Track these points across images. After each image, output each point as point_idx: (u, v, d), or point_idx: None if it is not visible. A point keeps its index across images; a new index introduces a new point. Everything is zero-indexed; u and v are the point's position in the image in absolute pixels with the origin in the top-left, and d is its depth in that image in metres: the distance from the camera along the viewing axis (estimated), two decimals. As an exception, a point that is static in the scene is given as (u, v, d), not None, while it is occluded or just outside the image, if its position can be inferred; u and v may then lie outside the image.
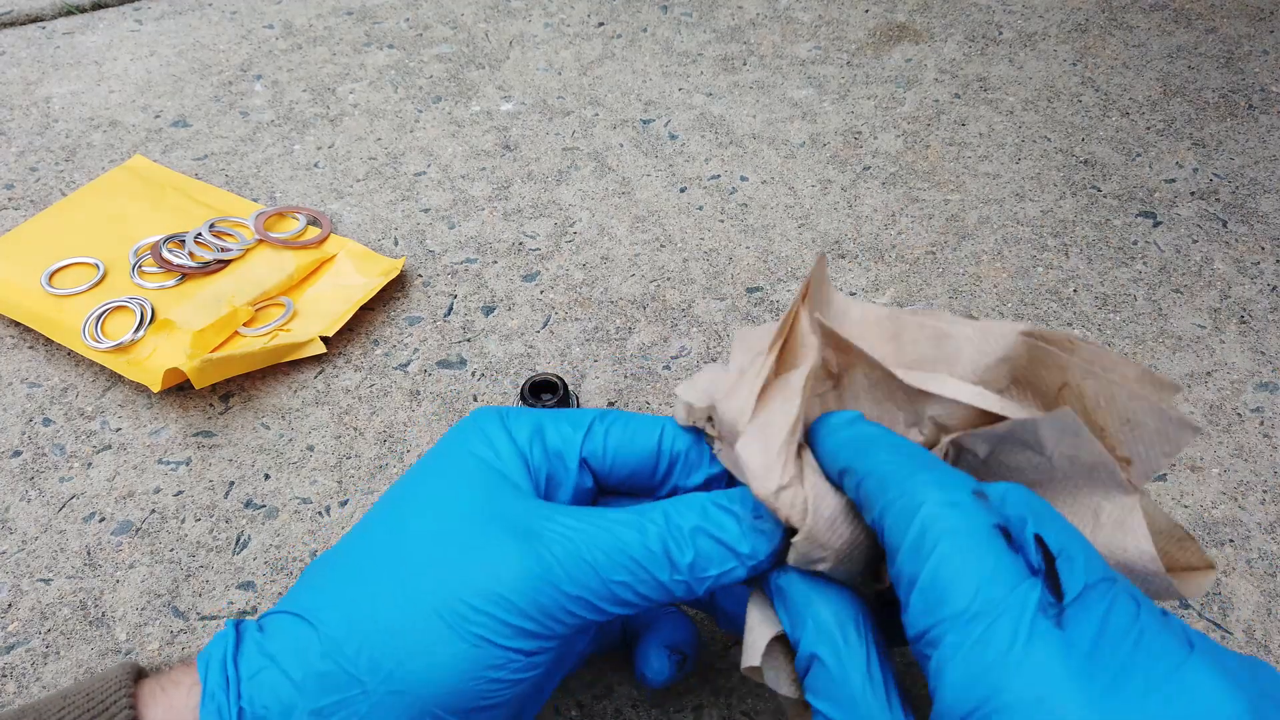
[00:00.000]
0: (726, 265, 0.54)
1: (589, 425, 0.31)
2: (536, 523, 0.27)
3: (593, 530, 0.27)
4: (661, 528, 0.27)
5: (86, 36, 0.71)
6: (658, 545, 0.26)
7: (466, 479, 0.29)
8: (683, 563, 0.26)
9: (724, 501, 0.27)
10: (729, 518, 0.27)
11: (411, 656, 0.26)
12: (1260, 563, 0.40)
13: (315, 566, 0.29)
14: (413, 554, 0.27)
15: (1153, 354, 0.49)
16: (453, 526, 0.27)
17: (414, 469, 0.30)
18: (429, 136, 0.63)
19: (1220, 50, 0.68)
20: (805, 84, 0.66)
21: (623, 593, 0.26)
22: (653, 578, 0.26)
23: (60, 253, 0.53)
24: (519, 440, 0.30)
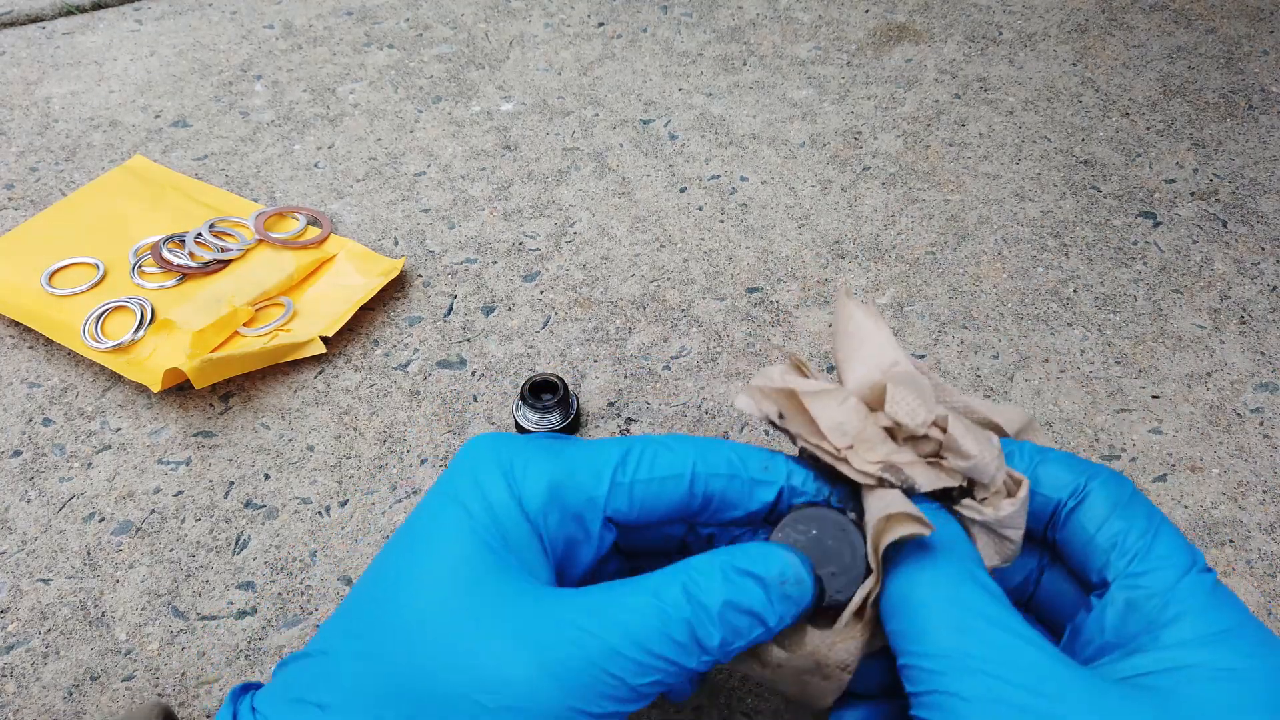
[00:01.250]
0: (726, 265, 0.54)
1: (612, 479, 0.27)
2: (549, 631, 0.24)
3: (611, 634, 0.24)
4: (684, 610, 0.24)
5: (86, 36, 0.71)
6: (684, 634, 0.24)
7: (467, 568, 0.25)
8: (712, 645, 0.24)
9: (746, 565, 0.25)
10: (755, 585, 0.25)
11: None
12: (1260, 563, 0.40)
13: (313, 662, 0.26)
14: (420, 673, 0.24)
15: (1153, 354, 0.49)
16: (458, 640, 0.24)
17: (407, 536, 0.27)
18: (429, 137, 0.63)
19: (1220, 50, 0.68)
20: (805, 84, 0.66)
21: (649, 690, 0.24)
22: (681, 667, 0.24)
23: (60, 253, 0.53)
24: (530, 504, 0.26)
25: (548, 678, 0.23)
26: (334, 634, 0.26)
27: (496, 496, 0.26)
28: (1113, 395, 0.47)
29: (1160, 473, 0.43)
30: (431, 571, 0.26)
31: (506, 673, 0.24)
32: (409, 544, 0.27)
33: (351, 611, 0.27)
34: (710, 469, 0.28)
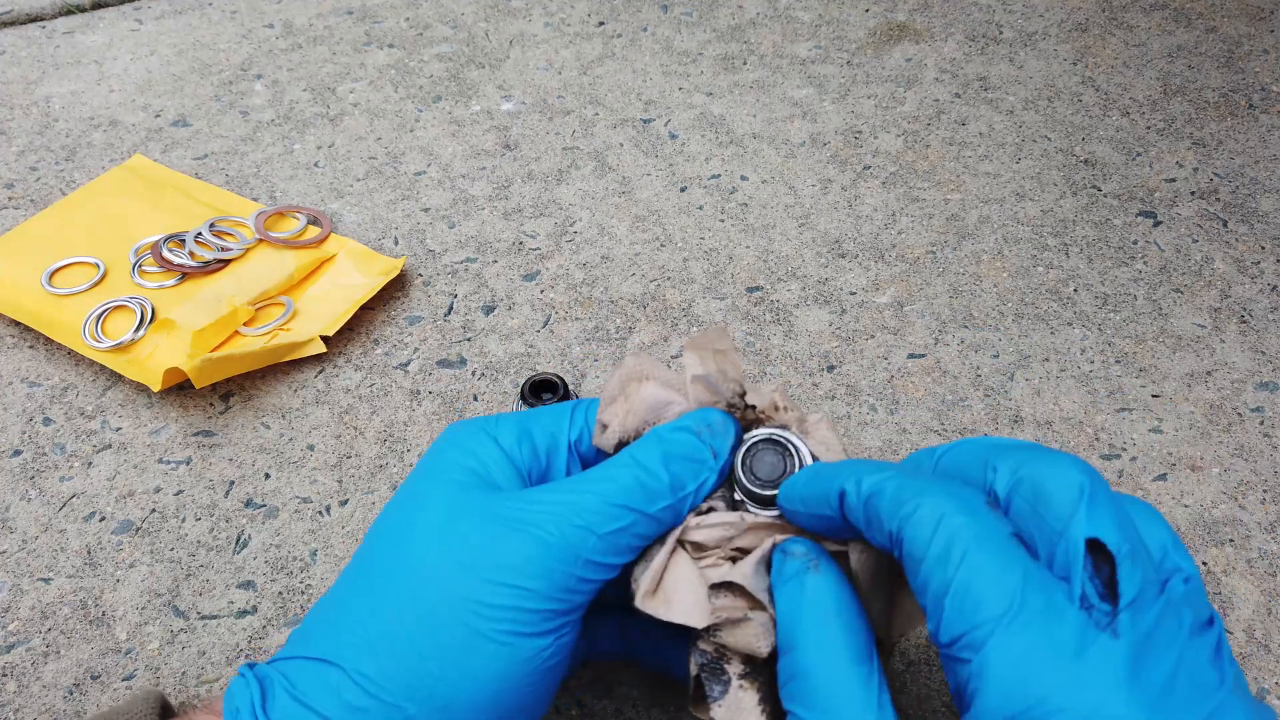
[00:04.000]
0: (726, 265, 0.54)
1: (571, 414, 0.31)
2: (520, 510, 0.28)
3: (574, 497, 0.28)
4: (632, 468, 0.28)
5: (87, 36, 0.71)
6: (634, 484, 0.28)
7: (456, 491, 0.29)
8: (663, 487, 0.28)
9: (675, 424, 0.30)
10: (685, 434, 0.29)
11: (447, 671, 0.26)
12: (1260, 562, 0.40)
13: (320, 608, 0.29)
14: (418, 573, 0.27)
15: (1153, 353, 0.49)
16: (450, 537, 0.28)
17: (400, 492, 0.30)
18: (429, 136, 0.63)
19: (1220, 50, 0.68)
20: (805, 83, 0.66)
21: (622, 539, 0.28)
22: (642, 514, 0.28)
23: (60, 252, 0.53)
24: (504, 444, 0.30)
25: (529, 541, 0.27)
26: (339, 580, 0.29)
27: (477, 443, 0.30)
28: (1113, 394, 0.47)
29: (1160, 472, 0.43)
30: (421, 502, 0.29)
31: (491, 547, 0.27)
32: (400, 492, 0.30)
33: (355, 558, 0.30)
34: None
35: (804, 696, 0.25)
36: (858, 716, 0.24)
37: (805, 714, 0.25)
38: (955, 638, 0.23)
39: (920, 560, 0.24)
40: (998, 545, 0.23)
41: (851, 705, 0.24)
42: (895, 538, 0.25)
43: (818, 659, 0.25)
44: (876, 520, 0.25)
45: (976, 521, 0.24)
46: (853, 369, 0.48)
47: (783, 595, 0.27)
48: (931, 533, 0.24)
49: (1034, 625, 0.22)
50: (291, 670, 0.27)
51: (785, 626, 0.27)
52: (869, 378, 0.48)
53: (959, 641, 0.23)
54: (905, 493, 0.25)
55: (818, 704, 0.25)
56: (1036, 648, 0.21)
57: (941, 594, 0.23)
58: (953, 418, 0.46)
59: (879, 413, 0.46)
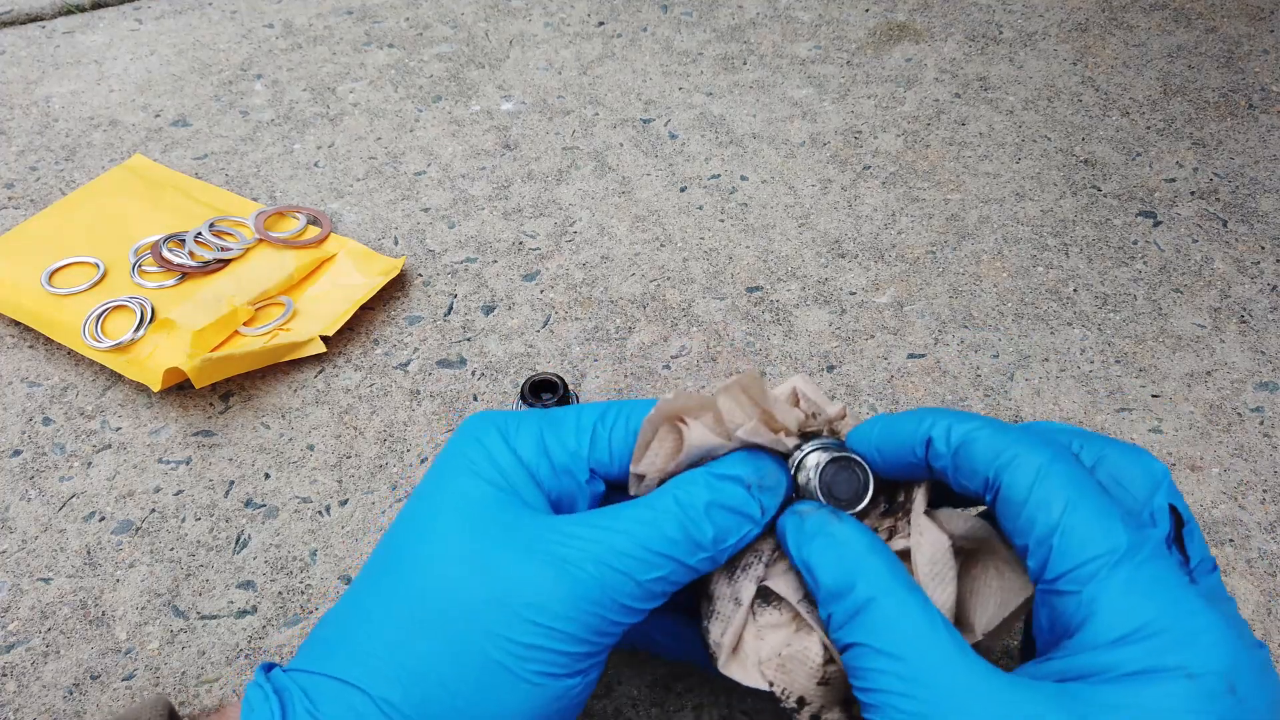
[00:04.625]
0: (726, 265, 0.54)
1: (593, 432, 0.30)
2: (559, 543, 0.27)
3: (614, 537, 0.27)
4: (677, 514, 0.27)
5: (86, 36, 0.71)
6: (679, 533, 0.27)
7: (481, 507, 0.28)
8: (705, 540, 0.27)
9: (725, 470, 0.28)
10: (735, 485, 0.28)
11: (474, 706, 0.26)
12: (1260, 562, 0.40)
13: (341, 618, 0.28)
14: (447, 601, 0.26)
15: (1153, 353, 0.49)
16: (481, 562, 0.27)
17: (420, 496, 0.29)
18: (429, 136, 0.63)
19: (1220, 50, 0.68)
20: (805, 83, 0.66)
21: (657, 587, 0.27)
22: (681, 564, 0.27)
23: (60, 252, 0.53)
24: (525, 456, 0.29)
25: (564, 581, 0.26)
26: (358, 586, 0.29)
27: (496, 449, 0.29)
28: (1112, 394, 0.47)
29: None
30: (445, 515, 0.28)
31: (524, 583, 0.26)
32: (422, 498, 0.29)
33: (374, 563, 0.29)
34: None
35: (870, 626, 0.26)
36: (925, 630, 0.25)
37: (874, 640, 0.25)
38: (1062, 573, 0.25)
39: (1022, 503, 0.26)
40: (1098, 493, 0.26)
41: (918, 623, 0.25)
42: (991, 483, 0.27)
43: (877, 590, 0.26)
44: (968, 466, 0.27)
45: (1077, 470, 0.26)
46: (852, 369, 0.48)
47: (815, 549, 0.27)
48: (1034, 478, 0.26)
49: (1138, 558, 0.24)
50: (312, 688, 0.27)
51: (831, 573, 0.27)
52: (869, 378, 0.48)
53: (1066, 576, 0.25)
54: (1002, 441, 0.27)
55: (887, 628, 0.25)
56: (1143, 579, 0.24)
57: (1048, 534, 0.25)
58: (953, 418, 0.46)
59: (879, 413, 0.46)
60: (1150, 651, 0.23)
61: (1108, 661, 0.24)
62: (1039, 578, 0.26)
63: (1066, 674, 0.24)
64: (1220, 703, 0.23)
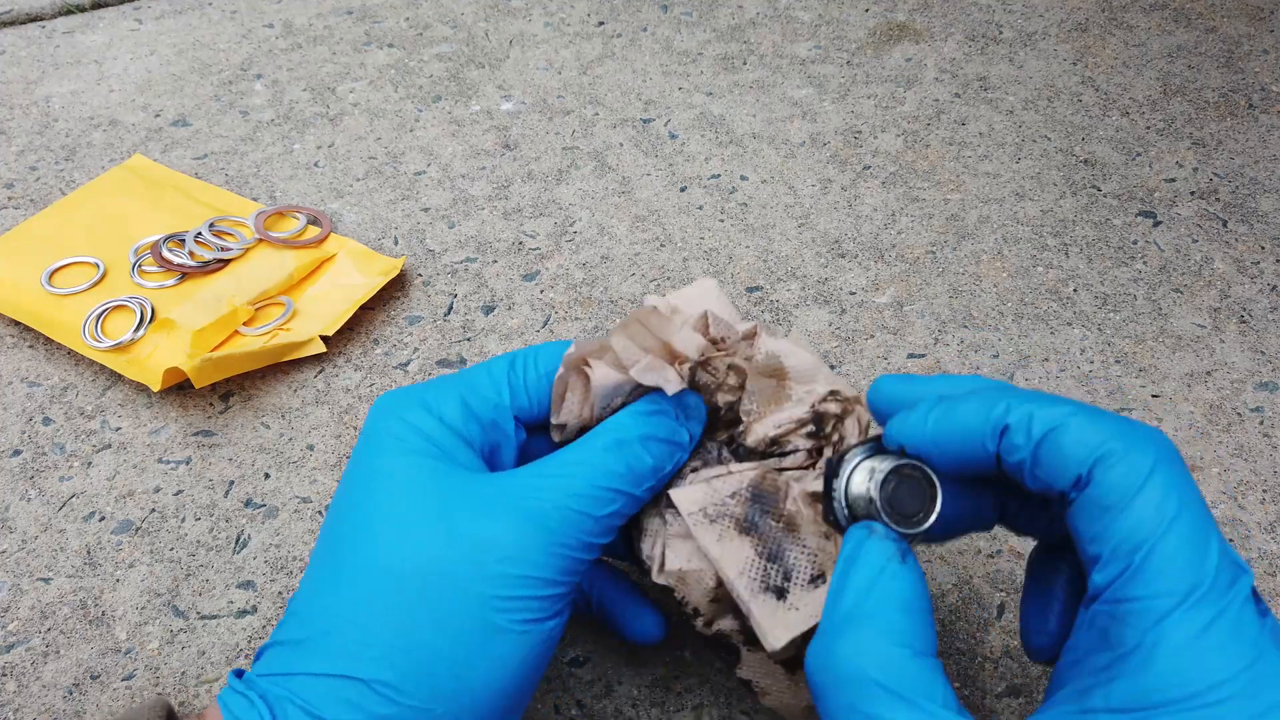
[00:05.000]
0: (726, 264, 0.54)
1: (508, 381, 0.31)
2: (519, 496, 0.28)
3: (568, 480, 0.28)
4: (617, 451, 0.29)
5: (86, 35, 0.71)
6: (623, 467, 0.29)
7: (423, 476, 0.28)
8: (646, 470, 0.29)
9: (649, 407, 0.30)
10: (664, 417, 0.30)
11: (469, 669, 0.26)
12: (1261, 562, 0.40)
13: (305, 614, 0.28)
14: (421, 571, 0.27)
15: (1153, 353, 0.49)
16: (447, 530, 0.27)
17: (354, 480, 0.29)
18: (429, 136, 0.63)
19: (1220, 50, 0.68)
20: (805, 83, 0.66)
21: (613, 521, 0.29)
22: (630, 496, 0.29)
23: (60, 252, 0.53)
24: (452, 422, 0.30)
25: (534, 530, 0.27)
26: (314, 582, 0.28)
27: (420, 421, 0.29)
28: (1112, 394, 0.47)
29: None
30: (395, 493, 0.28)
31: (495, 539, 0.27)
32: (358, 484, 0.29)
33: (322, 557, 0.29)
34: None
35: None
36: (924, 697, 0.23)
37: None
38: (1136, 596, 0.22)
39: (1117, 509, 0.22)
40: (1201, 511, 0.22)
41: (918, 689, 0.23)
42: (1084, 479, 0.23)
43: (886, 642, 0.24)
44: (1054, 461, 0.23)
45: (1183, 479, 0.23)
46: (853, 369, 0.48)
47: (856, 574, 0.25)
48: (1139, 482, 0.22)
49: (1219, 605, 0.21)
50: (302, 689, 0.26)
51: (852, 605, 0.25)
52: (869, 378, 0.48)
53: (1132, 603, 0.22)
54: (1100, 433, 0.23)
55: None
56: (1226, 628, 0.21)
57: (1133, 549, 0.22)
58: (952, 418, 0.46)
59: (879, 413, 0.46)
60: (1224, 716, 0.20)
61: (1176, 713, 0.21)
62: (1101, 591, 0.22)
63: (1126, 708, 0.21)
64: None
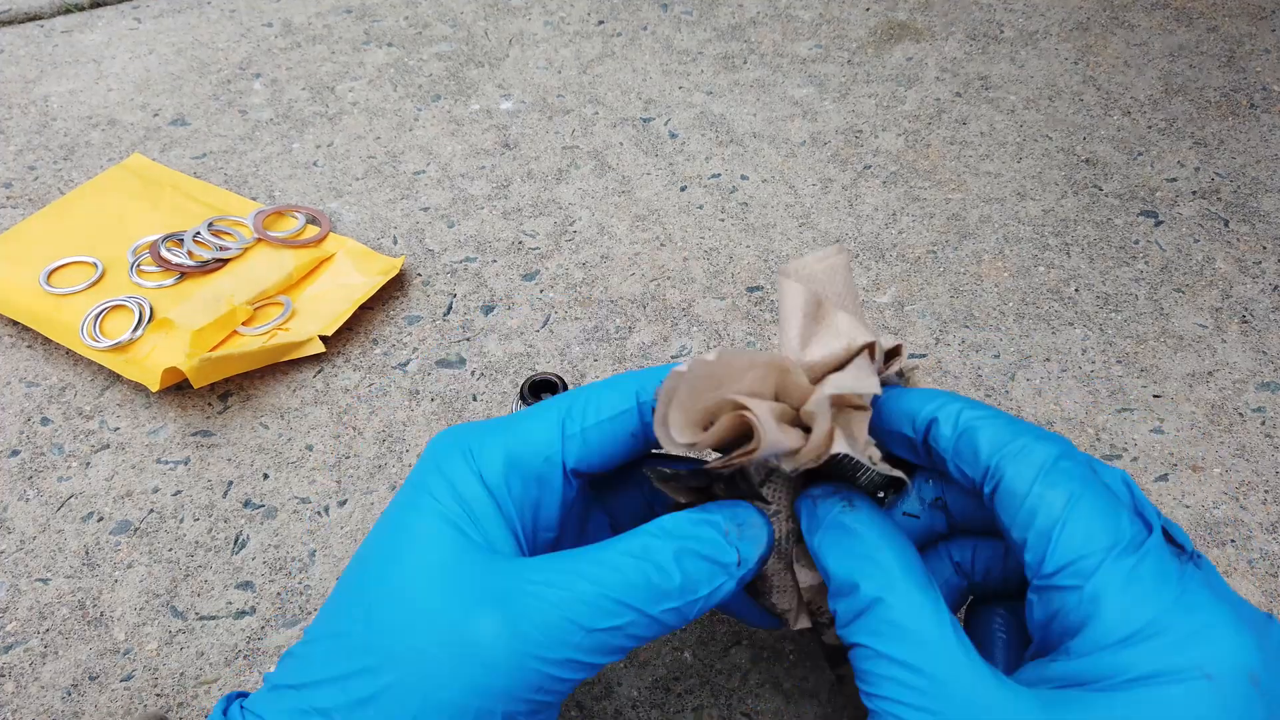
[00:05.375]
0: (727, 264, 0.53)
1: (562, 430, 0.28)
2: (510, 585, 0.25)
3: (568, 579, 0.25)
4: (639, 558, 0.25)
5: (85, 35, 0.71)
6: (639, 578, 0.25)
7: (434, 547, 0.26)
8: (671, 589, 0.25)
9: (700, 513, 0.26)
10: (708, 528, 0.26)
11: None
12: (1262, 563, 0.40)
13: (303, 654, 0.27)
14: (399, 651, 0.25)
15: (1154, 353, 0.48)
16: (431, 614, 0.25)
17: (383, 534, 0.28)
18: (428, 135, 0.62)
19: (1222, 49, 0.68)
20: (806, 82, 0.66)
21: (612, 639, 0.25)
22: (640, 614, 0.25)
23: (59, 251, 0.53)
24: (490, 479, 0.27)
25: (506, 625, 0.24)
26: (316, 624, 0.28)
27: (459, 477, 0.27)
28: (1114, 395, 0.47)
29: (1162, 472, 0.43)
30: (401, 554, 0.26)
31: (469, 629, 0.24)
32: (383, 533, 0.28)
33: (332, 601, 0.28)
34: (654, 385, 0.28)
35: (875, 628, 0.25)
36: (935, 638, 0.24)
37: (879, 644, 0.24)
38: (1063, 565, 0.24)
39: (1024, 495, 0.25)
40: (1103, 489, 0.25)
41: (928, 629, 0.24)
42: (993, 473, 0.26)
43: (884, 590, 0.25)
44: (970, 453, 0.26)
45: (1083, 468, 0.25)
46: (853, 369, 0.48)
47: (826, 541, 0.26)
48: (1038, 471, 0.25)
49: (1141, 553, 0.24)
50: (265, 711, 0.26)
51: (839, 567, 0.26)
52: (869, 378, 0.48)
53: (1067, 569, 0.24)
54: (1009, 432, 0.26)
55: (893, 633, 0.24)
56: (1146, 573, 0.23)
57: (1050, 526, 0.24)
58: (953, 418, 0.46)
59: (879, 413, 0.46)
60: (1161, 651, 0.22)
61: (1117, 664, 0.23)
62: (1037, 573, 0.25)
63: (1075, 679, 0.23)
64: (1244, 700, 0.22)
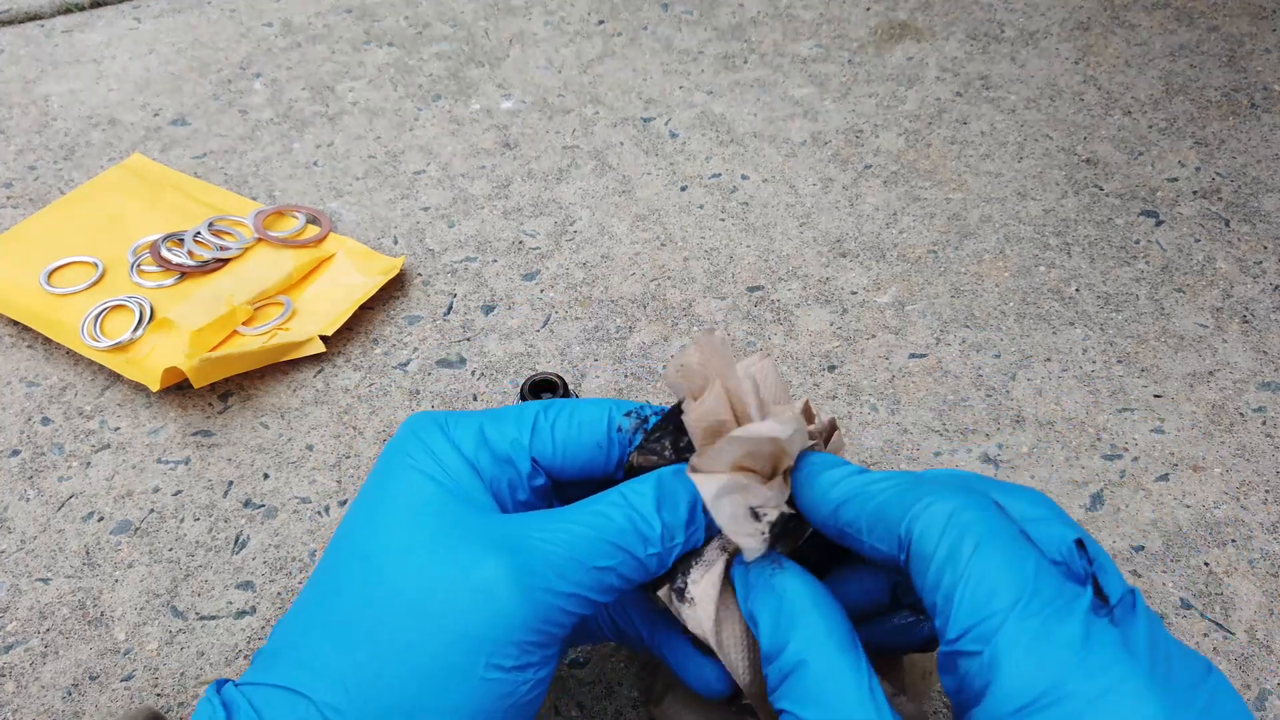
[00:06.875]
0: (727, 264, 0.53)
1: (534, 423, 0.30)
2: (511, 534, 0.27)
3: (567, 525, 0.27)
4: (625, 508, 0.27)
5: (85, 34, 0.71)
6: (627, 525, 0.27)
7: (425, 504, 0.27)
8: (653, 536, 0.27)
9: (675, 470, 0.28)
10: (682, 485, 0.28)
11: (421, 705, 0.25)
12: (1262, 563, 0.40)
13: (286, 628, 0.28)
14: (393, 600, 0.26)
15: (1155, 353, 0.48)
16: (428, 560, 0.26)
17: (364, 499, 0.29)
18: (428, 135, 0.62)
19: (1222, 49, 0.68)
20: (806, 82, 0.66)
21: (608, 579, 0.27)
22: (631, 556, 0.27)
23: (59, 251, 0.53)
24: (465, 450, 0.29)
25: (515, 563, 0.26)
26: (308, 589, 0.28)
27: (438, 445, 0.29)
28: (1115, 394, 0.47)
29: (1163, 472, 0.43)
30: (389, 509, 0.28)
31: (475, 568, 0.26)
32: (367, 498, 0.29)
33: (323, 566, 0.28)
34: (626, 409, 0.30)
35: (797, 693, 0.25)
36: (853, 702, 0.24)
37: (801, 710, 0.24)
38: (965, 629, 0.23)
39: (930, 557, 0.24)
40: (1010, 538, 0.23)
41: (846, 693, 0.24)
42: (904, 539, 0.25)
43: (807, 652, 0.25)
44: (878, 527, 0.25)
45: (988, 516, 0.24)
46: (854, 369, 0.48)
47: (758, 603, 0.27)
48: (943, 528, 0.24)
49: (1047, 611, 0.22)
50: (258, 698, 0.26)
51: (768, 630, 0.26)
52: (870, 378, 0.48)
53: (969, 633, 0.22)
54: (912, 494, 0.25)
55: (812, 697, 0.24)
56: (1049, 633, 0.22)
57: (953, 586, 0.23)
58: (954, 418, 0.46)
59: (880, 413, 0.46)
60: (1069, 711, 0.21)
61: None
62: (943, 637, 0.23)
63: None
64: None
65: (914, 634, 0.30)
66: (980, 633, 0.22)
